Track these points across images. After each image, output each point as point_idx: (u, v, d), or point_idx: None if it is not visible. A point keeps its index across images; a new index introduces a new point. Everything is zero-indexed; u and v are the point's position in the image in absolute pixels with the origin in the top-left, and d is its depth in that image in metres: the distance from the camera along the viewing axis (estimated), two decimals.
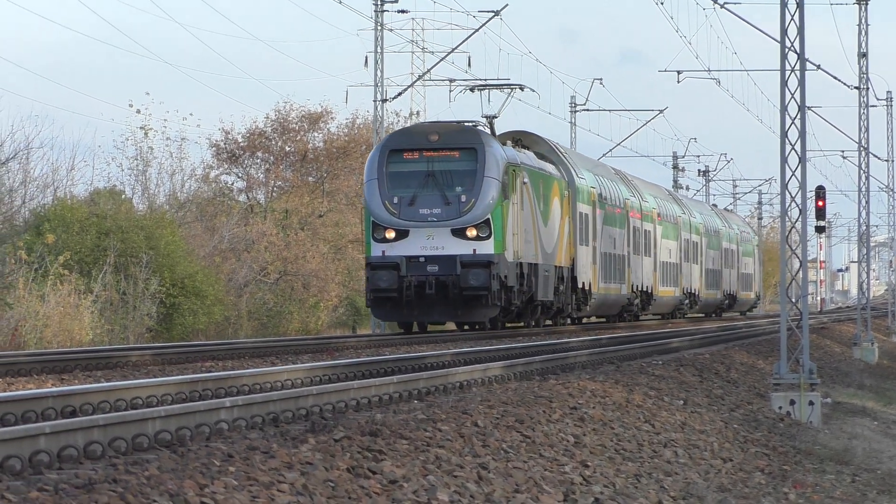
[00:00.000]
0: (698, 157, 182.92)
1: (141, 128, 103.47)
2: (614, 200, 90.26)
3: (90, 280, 74.57)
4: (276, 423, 20.17)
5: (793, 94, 41.39)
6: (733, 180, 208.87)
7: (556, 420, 24.29)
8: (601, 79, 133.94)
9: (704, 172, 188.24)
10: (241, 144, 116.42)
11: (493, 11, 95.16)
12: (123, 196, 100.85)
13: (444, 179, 65.90)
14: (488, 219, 61.79)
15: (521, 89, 78.53)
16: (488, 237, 63.00)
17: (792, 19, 41.14)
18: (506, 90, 76.96)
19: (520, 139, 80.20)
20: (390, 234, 61.34)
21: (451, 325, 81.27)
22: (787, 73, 41.33)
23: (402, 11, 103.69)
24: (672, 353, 54.96)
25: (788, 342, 39.94)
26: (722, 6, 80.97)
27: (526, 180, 67.69)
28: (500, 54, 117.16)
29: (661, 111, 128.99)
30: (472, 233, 61.29)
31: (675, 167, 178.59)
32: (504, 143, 74.73)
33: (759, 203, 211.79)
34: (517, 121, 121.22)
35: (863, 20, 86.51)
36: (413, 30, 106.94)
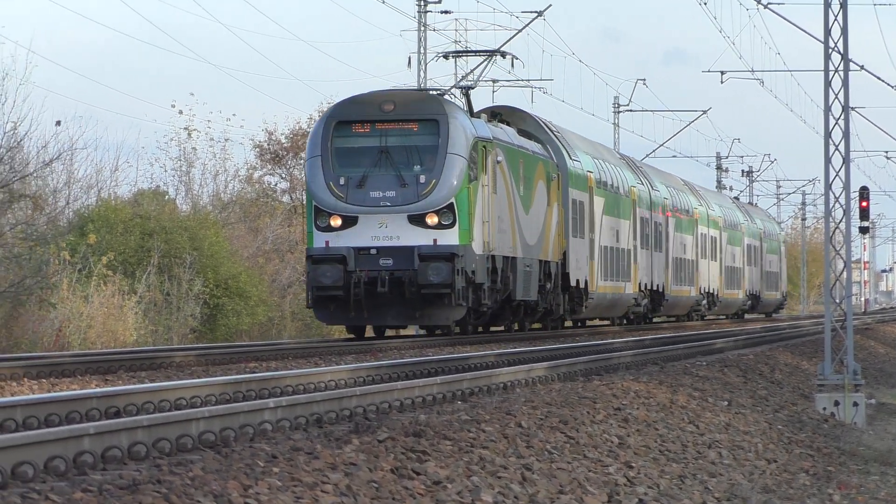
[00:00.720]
0: (741, 157, 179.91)
1: (184, 128, 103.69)
2: (617, 187, 78.02)
3: (134, 281, 74.30)
4: (320, 423, 20.12)
5: (836, 95, 41.86)
6: (777, 181, 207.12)
7: (600, 421, 24.13)
8: (644, 79, 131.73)
9: (748, 173, 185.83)
10: (285, 145, 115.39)
11: (536, 12, 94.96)
12: (167, 197, 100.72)
13: (400, 157, 54.38)
14: (452, 203, 50.80)
15: (503, 56, 67.66)
16: (452, 225, 51.95)
17: (836, 19, 41.75)
18: (484, 57, 67.09)
19: (499, 114, 68.61)
20: (336, 222, 50.60)
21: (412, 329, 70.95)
22: (831, 73, 41.94)
23: (446, 12, 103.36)
24: (716, 353, 54.57)
25: (833, 343, 40.04)
26: (765, 6, 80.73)
27: (500, 159, 55.64)
28: (543, 55, 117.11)
29: (704, 112, 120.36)
30: (432, 220, 50.47)
31: (719, 167, 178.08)
32: (477, 117, 64.21)
33: (803, 203, 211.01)
34: (560, 120, 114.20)
35: None
36: (456, 30, 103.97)
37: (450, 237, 50.44)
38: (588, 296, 63.89)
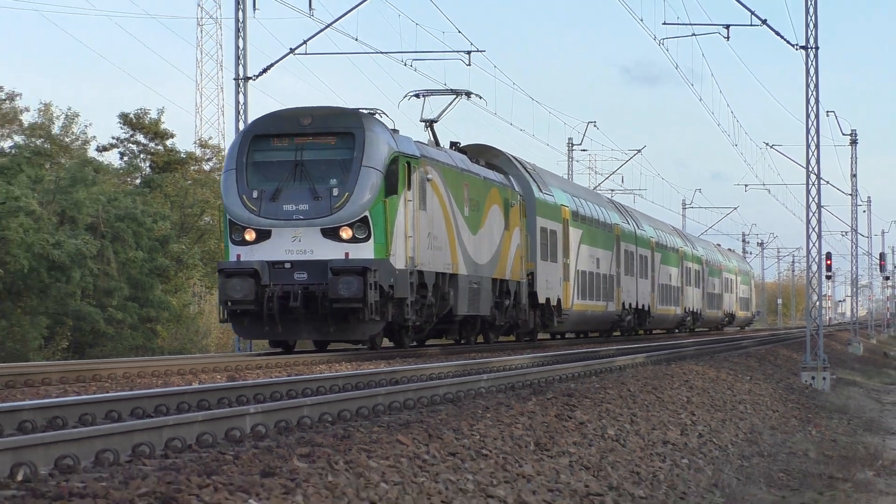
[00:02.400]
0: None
1: None
2: (600, 222, 72.71)
3: None
4: (513, 388, 26.23)
5: (814, 199, 51.86)
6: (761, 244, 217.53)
7: (675, 388, 30.51)
8: (594, 122, 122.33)
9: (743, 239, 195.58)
10: None
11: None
12: None
13: (315, 170, 47.76)
14: (366, 217, 44.99)
15: (468, 96, 58.76)
16: (367, 239, 45.88)
17: (812, 155, 51.10)
18: (450, 97, 57.85)
19: (468, 150, 60.23)
20: (250, 236, 44.96)
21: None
22: (811, 185, 51.75)
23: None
24: (742, 349, 64.79)
25: (811, 342, 49.62)
26: (770, 147, 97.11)
27: (431, 176, 48.96)
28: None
29: (639, 151, 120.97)
30: (346, 233, 44.79)
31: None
32: (437, 146, 55.92)
33: (793, 261, 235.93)
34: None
35: (854, 156, 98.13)
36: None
37: (364, 251, 44.96)
38: (561, 312, 60.51)
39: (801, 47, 45.91)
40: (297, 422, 16.44)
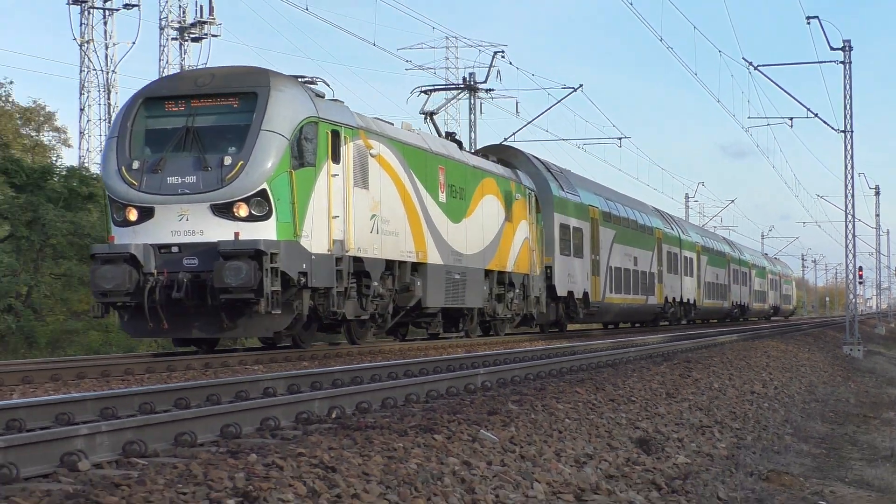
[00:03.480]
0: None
1: None
2: (638, 225, 55.42)
3: None
4: (650, 357, 24.76)
5: (850, 232, 47.98)
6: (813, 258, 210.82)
7: (758, 357, 29.02)
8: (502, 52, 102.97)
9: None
10: None
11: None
12: None
13: (208, 136, 30.73)
14: (265, 190, 29.18)
15: (474, 91, 45.97)
16: (267, 216, 29.57)
17: (850, 202, 47.61)
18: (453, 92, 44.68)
19: (486, 150, 44.99)
20: (132, 215, 29.06)
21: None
22: (849, 225, 48.02)
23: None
24: (802, 331, 58.13)
25: (849, 326, 46.41)
26: (820, 198, 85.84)
27: (377, 152, 31.14)
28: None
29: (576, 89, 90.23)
30: (241, 210, 28.96)
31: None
32: (459, 146, 38.76)
33: (836, 273, 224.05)
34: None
35: (877, 203, 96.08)
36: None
37: (263, 231, 28.63)
38: (590, 305, 45.97)
39: (842, 131, 44.95)
40: (510, 379, 16.29)
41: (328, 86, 29.01)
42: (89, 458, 7.80)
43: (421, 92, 40.03)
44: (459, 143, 36.68)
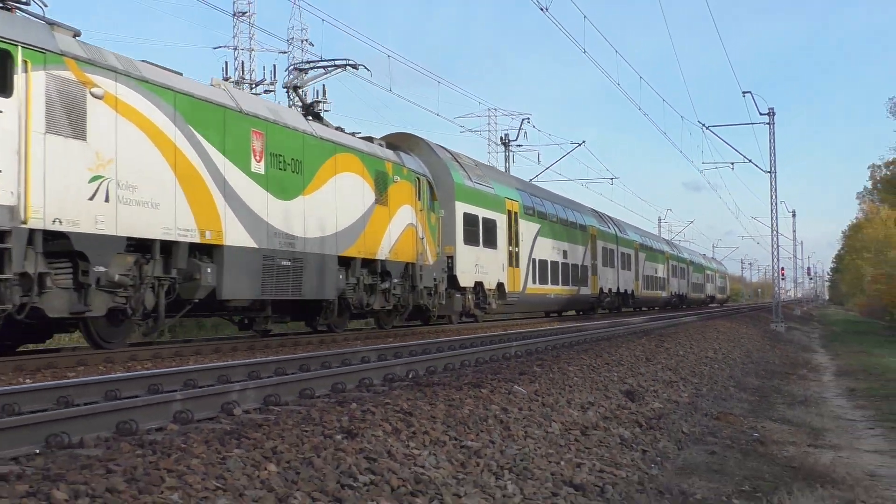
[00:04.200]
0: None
1: None
2: (567, 221, 42.30)
3: None
4: (635, 333, 23.80)
5: (776, 244, 47.03)
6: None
7: (711, 332, 27.25)
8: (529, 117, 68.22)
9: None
10: None
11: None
12: None
13: None
14: None
15: (355, 68, 26.20)
16: None
17: (775, 224, 45.30)
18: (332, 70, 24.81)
19: (390, 139, 30.29)
20: None
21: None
22: (775, 239, 46.08)
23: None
24: (742, 313, 54.81)
25: (775, 309, 45.26)
26: (752, 218, 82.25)
27: (117, 95, 13.93)
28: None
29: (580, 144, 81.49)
30: None
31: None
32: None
33: (765, 272, 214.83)
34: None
35: (794, 224, 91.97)
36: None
37: None
38: (506, 295, 33.78)
39: (768, 172, 44.32)
40: (535, 349, 15.90)
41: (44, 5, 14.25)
42: (241, 406, 7.91)
43: (294, 68, 26.05)
44: (317, 115, 23.38)
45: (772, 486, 8.46)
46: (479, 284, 30.11)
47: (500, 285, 32.62)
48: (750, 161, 47.18)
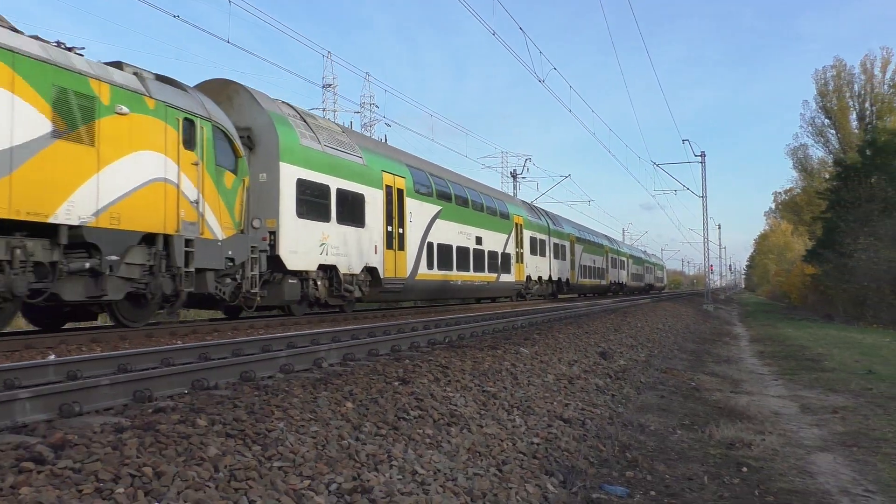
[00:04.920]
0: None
1: None
2: (482, 206, 27.52)
3: None
4: (606, 311, 21.96)
5: (708, 251, 44.38)
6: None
7: (660, 310, 25.99)
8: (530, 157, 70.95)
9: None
10: None
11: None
12: None
13: None
14: None
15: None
16: None
17: (707, 237, 43.87)
18: None
19: (210, 83, 15.56)
20: None
21: None
22: (708, 247, 44.22)
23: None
24: (683, 297, 50.06)
25: (707, 294, 43.10)
26: (688, 230, 76.31)
27: None
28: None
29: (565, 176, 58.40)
30: None
31: None
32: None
33: (699, 268, 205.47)
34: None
35: (719, 235, 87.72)
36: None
37: None
38: (382, 281, 18.84)
39: (701, 196, 43.63)
40: (534, 322, 15.09)
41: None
42: (327, 361, 7.79)
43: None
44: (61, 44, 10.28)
45: (704, 421, 8.38)
46: (332, 268, 17.46)
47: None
48: (688, 189, 46.90)
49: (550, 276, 35.71)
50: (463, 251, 25.84)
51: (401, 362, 7.57)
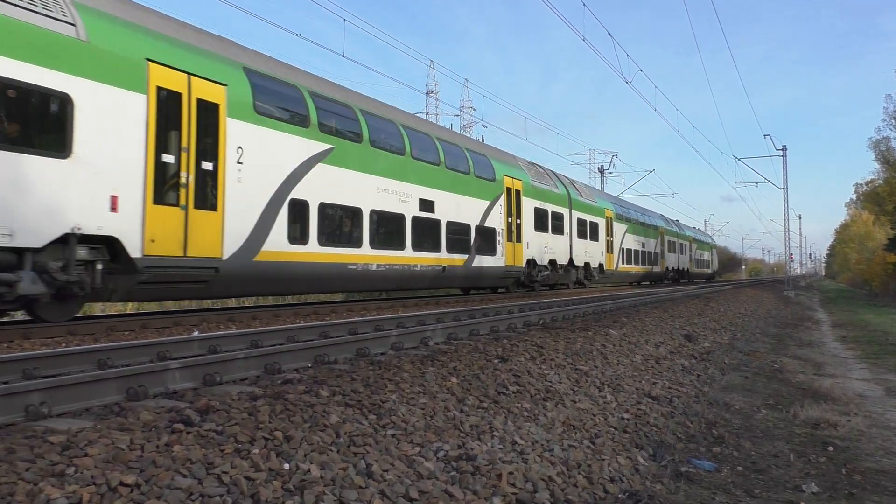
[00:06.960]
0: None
1: None
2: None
3: None
4: (689, 297, 21.27)
5: (788, 239, 42.28)
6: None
7: (742, 296, 24.58)
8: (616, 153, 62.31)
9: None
10: None
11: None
12: None
13: None
14: None
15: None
16: None
17: (786, 226, 41.72)
18: None
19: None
20: None
21: None
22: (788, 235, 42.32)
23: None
24: (764, 284, 48.78)
25: (788, 281, 40.99)
26: (768, 220, 75.31)
27: None
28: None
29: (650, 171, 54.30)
30: None
31: None
32: None
33: (779, 256, 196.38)
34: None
35: (800, 225, 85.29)
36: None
37: None
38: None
39: (782, 188, 41.96)
40: (622, 306, 14.78)
41: None
42: (433, 340, 7.84)
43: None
44: None
45: (789, 401, 8.05)
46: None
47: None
48: (769, 181, 45.28)
49: (571, 260, 25.30)
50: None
51: (499, 342, 7.52)
